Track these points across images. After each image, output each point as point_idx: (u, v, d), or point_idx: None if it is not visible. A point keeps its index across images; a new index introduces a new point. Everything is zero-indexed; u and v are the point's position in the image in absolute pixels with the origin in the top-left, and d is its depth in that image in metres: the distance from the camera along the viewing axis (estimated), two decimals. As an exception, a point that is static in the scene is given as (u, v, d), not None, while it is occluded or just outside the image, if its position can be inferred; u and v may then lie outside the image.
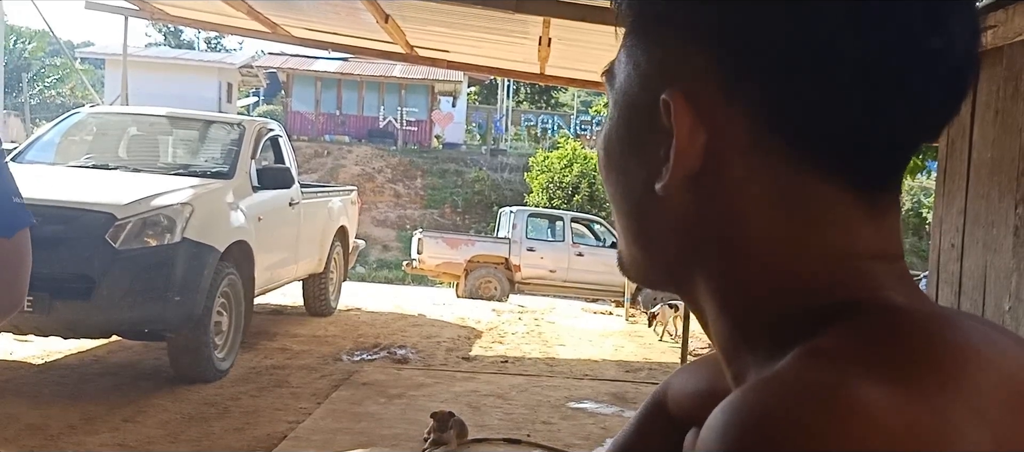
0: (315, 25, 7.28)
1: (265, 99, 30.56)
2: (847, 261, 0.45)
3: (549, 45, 6.15)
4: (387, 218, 21.20)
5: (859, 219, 0.46)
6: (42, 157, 6.34)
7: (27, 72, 26.07)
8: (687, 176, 0.46)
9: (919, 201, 20.20)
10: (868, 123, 0.44)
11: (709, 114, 0.45)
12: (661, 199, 0.47)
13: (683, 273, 0.50)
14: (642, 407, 0.68)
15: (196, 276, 5.18)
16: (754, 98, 0.44)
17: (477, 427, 4.69)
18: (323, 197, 8.23)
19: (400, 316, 8.81)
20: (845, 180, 0.45)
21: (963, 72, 0.45)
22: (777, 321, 0.45)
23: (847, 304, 0.44)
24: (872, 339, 0.41)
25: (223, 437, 4.47)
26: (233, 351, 5.80)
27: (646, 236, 0.50)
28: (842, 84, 0.43)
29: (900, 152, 0.46)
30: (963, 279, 3.39)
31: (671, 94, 0.46)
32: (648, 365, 7.10)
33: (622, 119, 0.50)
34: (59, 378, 5.49)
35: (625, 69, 0.50)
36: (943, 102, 0.45)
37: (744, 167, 0.45)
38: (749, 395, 0.40)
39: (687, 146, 0.45)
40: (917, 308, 0.45)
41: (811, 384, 0.39)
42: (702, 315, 0.50)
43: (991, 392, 0.40)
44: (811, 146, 0.44)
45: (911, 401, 0.38)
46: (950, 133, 3.51)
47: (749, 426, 0.39)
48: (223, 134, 6.79)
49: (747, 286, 0.47)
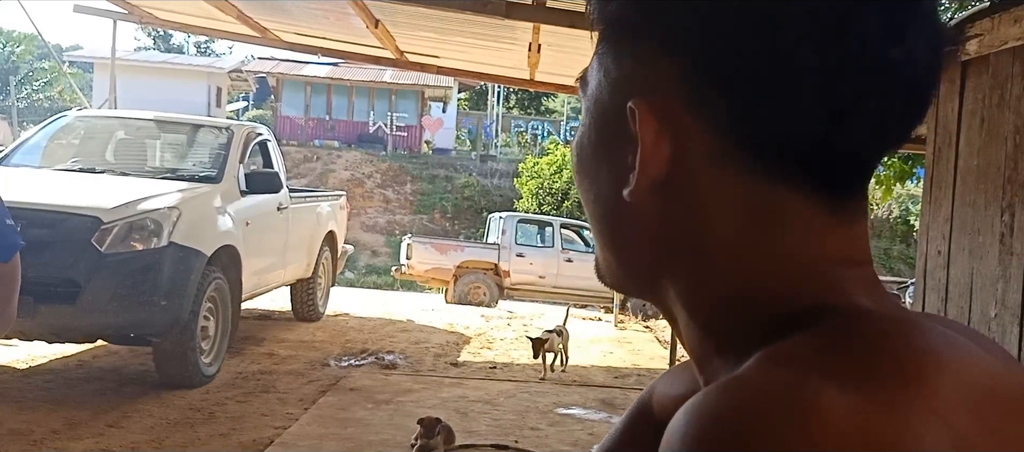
0: (305, 30, 7.27)
1: (254, 104, 30.47)
2: (813, 267, 0.46)
3: (539, 51, 6.16)
4: (376, 223, 21.15)
5: (824, 226, 0.46)
6: (28, 160, 6.30)
7: (15, 75, 25.93)
8: (653, 184, 0.47)
9: (907, 208, 20.31)
10: (830, 134, 0.44)
11: (674, 123, 0.46)
12: (630, 206, 0.48)
13: (654, 279, 0.50)
14: (628, 411, 0.68)
15: (183, 281, 5.15)
16: (717, 109, 0.45)
17: (465, 433, 4.68)
18: (312, 202, 8.21)
19: (388, 321, 8.79)
20: (810, 188, 0.46)
21: (924, 83, 0.46)
22: (744, 327, 0.46)
23: (812, 309, 0.44)
24: (833, 342, 0.42)
25: (209, 442, 4.44)
26: (220, 356, 5.77)
27: (617, 242, 0.51)
28: (802, 96, 0.44)
29: (864, 161, 0.47)
30: (950, 286, 3.40)
31: (637, 103, 0.47)
32: (637, 371, 7.09)
33: (593, 126, 0.51)
34: (43, 383, 5.44)
35: (596, 77, 0.51)
36: (905, 113, 0.46)
37: (708, 176, 0.46)
38: (709, 397, 0.40)
39: (652, 154, 0.46)
40: (882, 312, 0.45)
41: (769, 386, 0.40)
42: (674, 322, 0.51)
43: (953, 396, 0.40)
44: (774, 156, 0.45)
45: (868, 404, 0.38)
46: (937, 141, 3.53)
47: (707, 427, 0.39)
48: (211, 138, 6.76)
49: (714, 292, 0.47)
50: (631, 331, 9.55)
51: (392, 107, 25.86)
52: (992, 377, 0.43)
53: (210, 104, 25.50)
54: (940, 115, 3.46)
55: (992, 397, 0.41)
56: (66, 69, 22.42)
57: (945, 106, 3.40)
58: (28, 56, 27.47)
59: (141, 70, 24.90)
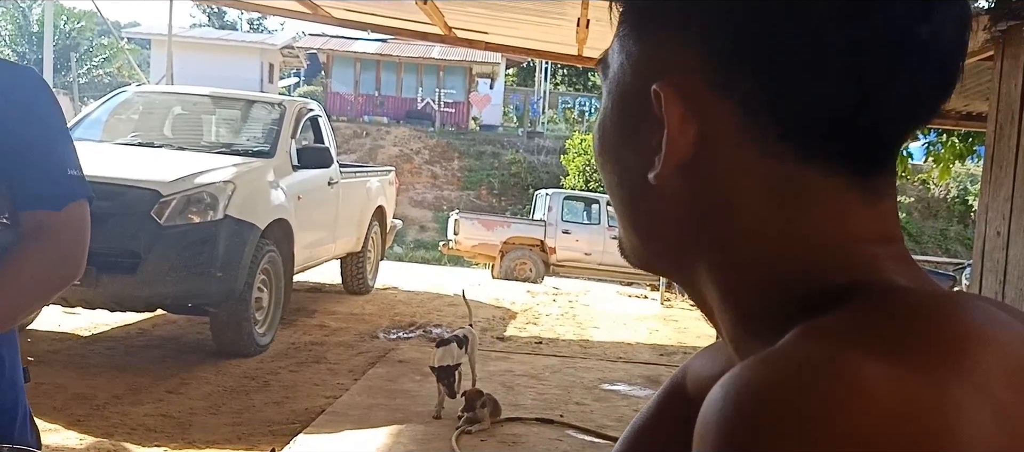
0: (355, 6, 7.32)
1: (305, 80, 30.82)
2: (844, 246, 0.46)
3: (587, 26, 6.12)
4: (424, 199, 21.31)
5: (854, 204, 0.46)
6: (89, 134, 6.48)
7: (75, 52, 26.60)
8: (679, 166, 0.46)
9: (965, 188, 19.74)
10: (858, 113, 0.44)
11: (699, 105, 0.46)
12: (655, 188, 0.48)
13: (682, 262, 0.50)
14: (661, 389, 0.67)
15: (238, 253, 5.28)
16: (743, 89, 0.45)
17: (511, 406, 4.73)
18: (361, 177, 8.31)
19: (436, 296, 8.89)
20: (838, 167, 0.46)
21: (951, 60, 0.45)
22: (778, 307, 0.45)
23: (846, 287, 0.44)
24: (873, 317, 0.41)
25: (263, 410, 4.57)
26: (273, 327, 5.91)
27: (642, 225, 0.51)
28: (829, 75, 0.44)
29: (893, 139, 0.47)
30: (1008, 267, 3.32)
31: (661, 85, 0.46)
32: (682, 349, 7.08)
33: (615, 109, 0.51)
34: (106, 350, 5.65)
35: (618, 59, 0.51)
36: (933, 90, 0.45)
37: (735, 157, 0.46)
38: (747, 371, 0.40)
39: (678, 136, 0.46)
40: (919, 288, 0.45)
41: (809, 358, 0.39)
42: (706, 305, 0.50)
43: (994, 369, 0.39)
44: (801, 136, 0.45)
45: (909, 375, 0.38)
46: (999, 118, 3.43)
47: (745, 401, 0.38)
48: (264, 114, 6.88)
49: (746, 274, 0.47)
50: (677, 309, 9.51)
51: (440, 83, 25.92)
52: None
53: (262, 80, 25.88)
54: (1002, 92, 3.37)
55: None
56: (124, 45, 22.94)
57: (1008, 82, 3.31)
58: (88, 33, 28.13)
59: (196, 46, 25.38)
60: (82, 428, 4.05)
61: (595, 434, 4.44)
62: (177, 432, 4.10)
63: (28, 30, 26.53)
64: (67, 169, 1.36)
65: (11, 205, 1.32)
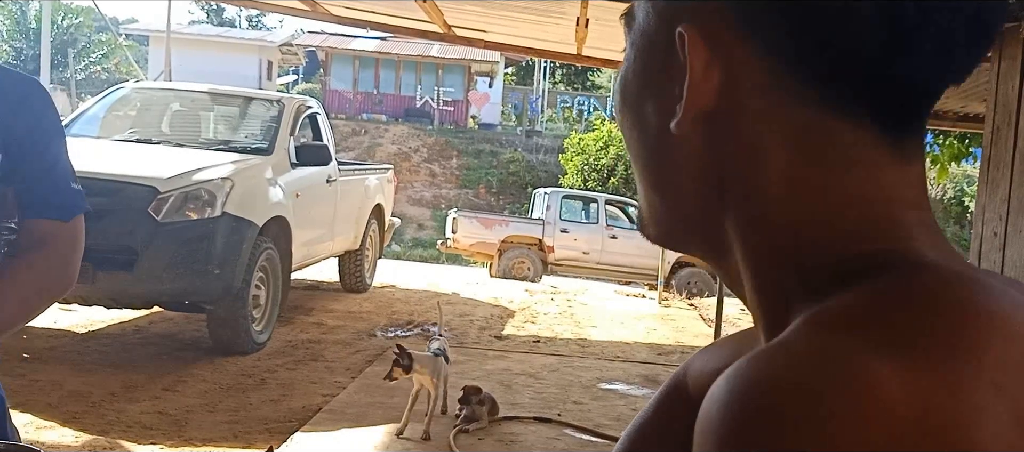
0: (354, 4, 7.31)
1: (304, 77, 30.79)
2: (873, 206, 0.44)
3: (586, 26, 6.11)
4: (422, 197, 21.31)
5: (884, 162, 0.44)
6: (87, 131, 6.47)
7: (73, 48, 26.53)
8: (701, 114, 0.45)
9: (962, 189, 19.76)
10: (890, 59, 0.42)
11: (725, 51, 0.44)
12: (676, 139, 0.46)
13: (705, 224, 0.48)
14: (661, 388, 0.66)
15: (235, 250, 5.27)
16: (771, 32, 0.43)
17: (508, 405, 4.73)
18: (360, 175, 8.31)
19: (434, 294, 8.89)
20: (868, 120, 0.44)
21: (988, 11, 0.43)
22: (810, 272, 0.43)
23: (873, 256, 0.42)
24: (887, 304, 0.39)
25: (260, 408, 4.56)
26: (270, 324, 5.90)
27: (663, 181, 0.49)
28: (861, 15, 0.42)
29: (924, 93, 0.45)
30: (1005, 269, 3.33)
31: (687, 27, 0.45)
32: (680, 348, 7.08)
33: (639, 59, 0.49)
34: (101, 347, 5.64)
35: (644, 7, 0.49)
36: (968, 42, 0.43)
37: (761, 106, 0.44)
38: (750, 364, 0.38)
39: (701, 82, 0.44)
40: (946, 266, 0.42)
41: (815, 353, 0.37)
42: (731, 272, 0.48)
43: (1013, 364, 0.37)
44: (830, 83, 0.43)
45: (923, 377, 0.36)
46: (996, 119, 3.43)
47: (747, 397, 0.37)
48: (263, 111, 6.88)
49: (771, 234, 0.45)
50: (675, 308, 9.52)
51: (439, 81, 25.91)
52: None
53: (261, 77, 25.85)
54: (999, 93, 3.37)
55: None
56: (122, 42, 22.92)
57: (1005, 84, 3.31)
58: (86, 29, 28.06)
59: (195, 43, 25.34)
60: (78, 425, 4.04)
61: (593, 433, 4.44)
62: (173, 430, 4.10)
63: (26, 26, 26.47)
64: (70, 182, 1.40)
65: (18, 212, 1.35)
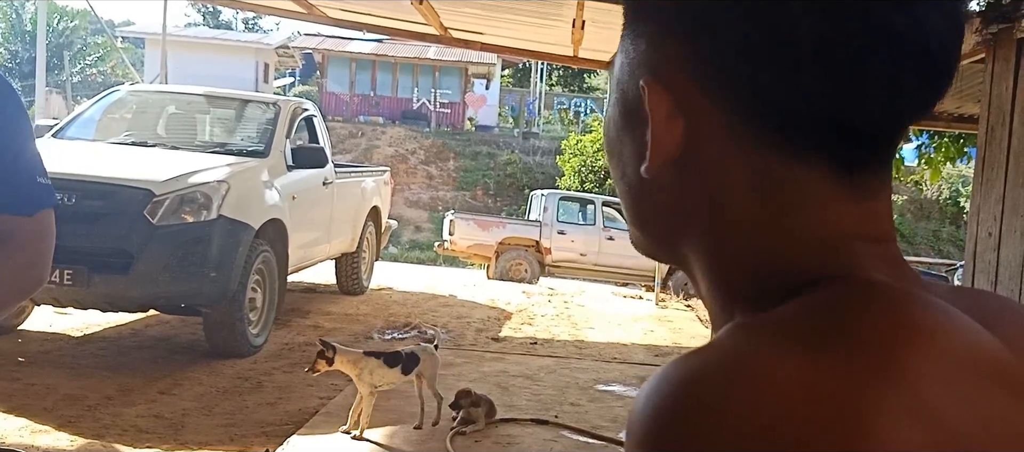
0: (350, 6, 7.32)
1: (301, 80, 30.78)
2: (825, 242, 0.46)
3: (583, 28, 6.12)
4: (419, 199, 21.30)
5: (839, 200, 0.46)
6: (82, 133, 6.46)
7: (69, 50, 26.51)
8: (668, 161, 0.48)
9: (957, 189, 19.80)
10: (838, 107, 0.44)
11: (687, 102, 0.47)
12: (648, 182, 0.49)
13: (676, 252, 0.52)
14: None
15: (231, 253, 5.26)
16: (725, 86, 0.46)
17: (505, 407, 4.73)
18: (356, 177, 8.31)
19: (431, 296, 8.88)
20: (823, 164, 0.45)
21: (939, 53, 0.44)
22: (756, 297, 0.46)
23: (818, 280, 0.44)
24: (810, 309, 0.42)
25: (256, 411, 4.55)
26: (267, 327, 5.89)
27: (641, 217, 0.53)
28: (804, 68, 0.43)
29: (878, 135, 0.46)
30: (1000, 268, 3.33)
31: (647, 80, 0.48)
32: (677, 349, 7.08)
33: (617, 106, 0.52)
34: (97, 350, 5.62)
35: (620, 58, 0.52)
36: (919, 85, 0.44)
37: (721, 153, 0.47)
38: (671, 366, 0.42)
39: (663, 132, 0.47)
40: (891, 284, 0.44)
41: (723, 352, 0.41)
42: (700, 293, 0.52)
43: (931, 371, 0.39)
44: (783, 130, 0.45)
45: (820, 369, 0.38)
46: (990, 120, 3.44)
47: (663, 390, 0.40)
48: (259, 113, 6.87)
49: (729, 265, 0.48)
50: (672, 310, 9.52)
51: (436, 84, 25.91)
52: (978, 348, 0.42)
53: (257, 80, 25.84)
54: (994, 94, 3.38)
55: (975, 369, 0.41)
56: (118, 44, 22.91)
57: (999, 85, 3.32)
58: (82, 31, 28.05)
59: (191, 46, 25.32)
60: (73, 429, 4.03)
61: (590, 435, 4.44)
62: (169, 433, 4.09)
63: (21, 29, 26.45)
64: (36, 176, 1.35)
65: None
